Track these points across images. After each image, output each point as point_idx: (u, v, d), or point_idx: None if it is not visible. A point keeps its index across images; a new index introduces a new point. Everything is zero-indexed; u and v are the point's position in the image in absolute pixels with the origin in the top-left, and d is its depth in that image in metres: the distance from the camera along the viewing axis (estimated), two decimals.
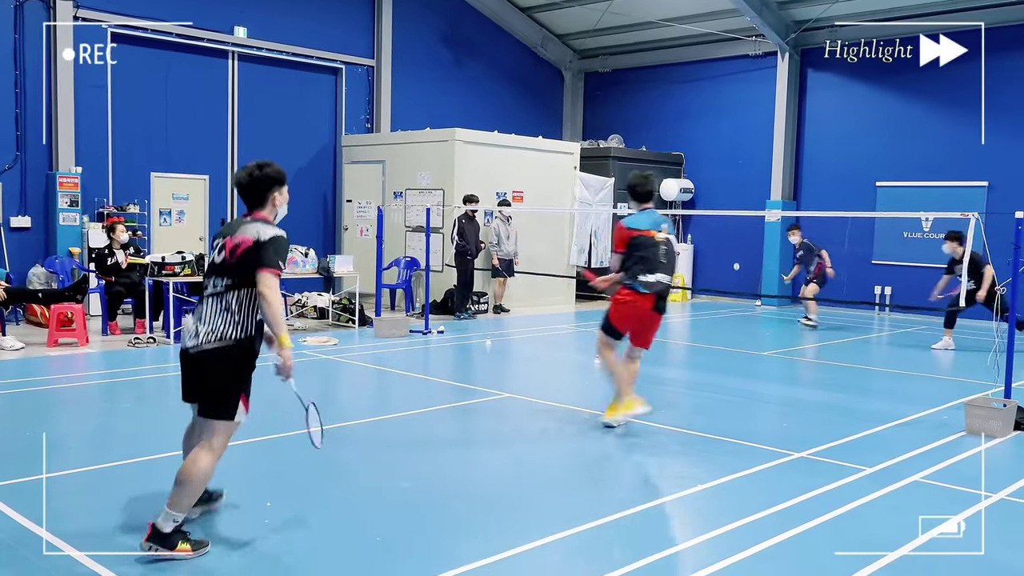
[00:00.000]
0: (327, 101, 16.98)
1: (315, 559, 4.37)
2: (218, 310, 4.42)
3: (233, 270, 4.42)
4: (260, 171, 4.58)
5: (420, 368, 10.07)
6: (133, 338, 10.86)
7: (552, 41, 20.31)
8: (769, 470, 6.10)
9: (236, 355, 4.46)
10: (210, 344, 4.39)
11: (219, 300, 4.43)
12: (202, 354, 4.42)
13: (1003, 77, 15.22)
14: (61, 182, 13.29)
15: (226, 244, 4.48)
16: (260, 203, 4.58)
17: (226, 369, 4.44)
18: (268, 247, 4.37)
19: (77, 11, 13.54)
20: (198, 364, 4.45)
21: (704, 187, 19.00)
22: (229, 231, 4.54)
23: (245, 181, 4.56)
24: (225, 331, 4.40)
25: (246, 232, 4.43)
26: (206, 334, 4.40)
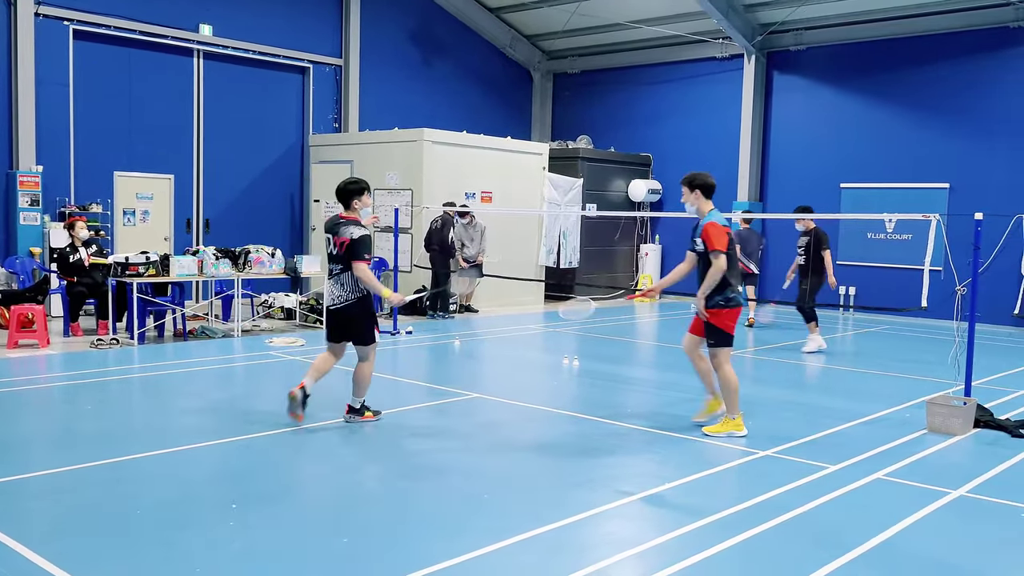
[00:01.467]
0: (294, 100, 16.87)
1: (285, 560, 4.34)
2: (341, 283, 6.86)
3: (343, 259, 6.83)
4: (348, 185, 6.97)
5: (389, 369, 10.01)
6: (96, 339, 10.71)
7: (521, 42, 20.33)
8: (734, 468, 6.16)
9: (363, 305, 6.93)
10: (348, 302, 6.87)
11: (339, 278, 6.87)
12: (345, 308, 6.88)
13: (963, 81, 15.50)
14: (21, 181, 13.07)
15: (335, 241, 6.85)
16: (347, 207, 6.92)
17: (361, 314, 6.92)
18: (359, 244, 6.77)
19: (39, 8, 13.32)
20: (344, 315, 6.91)
21: (672, 188, 19.11)
22: (334, 231, 6.89)
23: (339, 190, 6.98)
24: (350, 295, 6.86)
25: (345, 232, 6.80)
26: (341, 297, 6.86)
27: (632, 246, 19.48)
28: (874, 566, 4.47)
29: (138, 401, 7.93)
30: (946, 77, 15.69)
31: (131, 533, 4.65)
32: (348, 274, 6.81)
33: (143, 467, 5.87)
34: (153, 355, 10.22)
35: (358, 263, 6.73)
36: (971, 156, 15.37)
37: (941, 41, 15.73)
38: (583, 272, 18.09)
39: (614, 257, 19.16)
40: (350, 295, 6.85)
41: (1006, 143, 15.08)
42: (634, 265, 19.45)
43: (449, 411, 7.79)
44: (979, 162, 15.30)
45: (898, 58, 16.17)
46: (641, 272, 19.13)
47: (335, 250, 6.87)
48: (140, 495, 5.29)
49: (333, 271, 6.92)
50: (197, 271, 11.43)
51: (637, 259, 19.42)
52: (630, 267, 19.43)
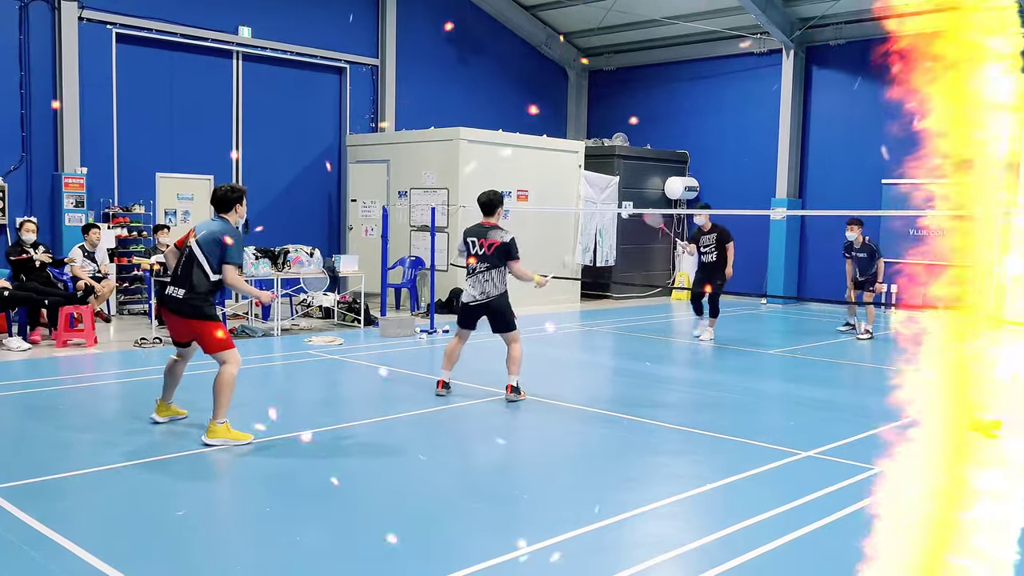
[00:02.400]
0: (331, 100, 16.98)
1: (327, 558, 4.37)
2: (490, 280, 7.81)
3: (491, 259, 7.76)
4: (490, 196, 7.98)
5: (426, 368, 10.05)
6: (140, 339, 10.88)
7: (556, 39, 20.28)
8: (776, 469, 6.09)
9: (507, 298, 7.93)
10: (494, 297, 7.82)
11: (486, 275, 7.80)
12: (495, 300, 7.83)
13: None
14: (67, 183, 13.32)
15: (481, 243, 7.81)
16: (491, 214, 7.95)
17: (507, 305, 7.91)
18: (512, 246, 7.80)
19: (82, 12, 13.56)
20: (491, 308, 7.84)
21: (709, 185, 18.97)
22: (479, 234, 7.88)
23: (481, 202, 8.00)
24: (496, 290, 7.83)
25: (494, 236, 7.81)
26: (488, 293, 7.81)
27: (669, 244, 19.35)
28: None
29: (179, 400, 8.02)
30: None
31: (173, 531, 4.71)
32: (496, 271, 7.77)
33: (184, 465, 5.94)
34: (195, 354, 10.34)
35: (514, 262, 7.78)
36: None
37: None
38: (620, 270, 18.01)
39: (651, 255, 19.05)
40: (498, 290, 7.79)
41: None
42: (671, 263, 19.32)
43: (486, 410, 7.79)
44: None
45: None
46: (678, 270, 19.00)
47: (482, 251, 7.77)
48: (181, 493, 5.35)
49: (477, 269, 7.81)
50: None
51: (674, 257, 19.29)
52: (667, 265, 19.31)
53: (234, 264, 6.52)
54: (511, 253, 7.79)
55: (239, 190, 6.75)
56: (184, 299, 6.45)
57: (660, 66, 19.68)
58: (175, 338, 6.80)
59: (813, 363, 10.82)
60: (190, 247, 6.56)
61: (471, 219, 14.92)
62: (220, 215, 6.67)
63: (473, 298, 7.84)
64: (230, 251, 6.46)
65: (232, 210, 6.66)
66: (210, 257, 6.47)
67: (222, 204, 6.65)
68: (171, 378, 6.92)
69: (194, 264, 6.50)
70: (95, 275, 12.12)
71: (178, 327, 6.64)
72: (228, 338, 6.56)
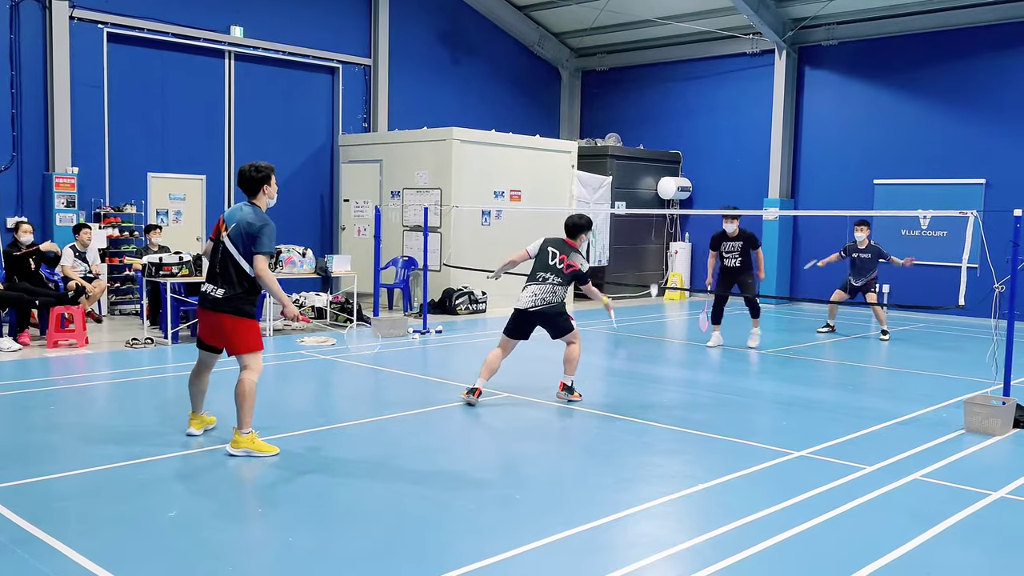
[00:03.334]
0: (324, 100, 16.96)
1: (318, 559, 4.36)
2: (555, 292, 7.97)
3: (565, 277, 8.00)
4: (579, 219, 8.20)
5: (419, 368, 10.05)
6: (131, 339, 10.84)
7: (549, 39, 20.29)
8: (769, 469, 6.09)
9: (563, 307, 8.10)
10: (554, 305, 7.96)
11: (553, 287, 7.97)
12: (552, 308, 7.95)
13: (1001, 75, 15.24)
14: (58, 183, 13.26)
15: (562, 259, 8.01)
16: (575, 237, 8.16)
17: (561, 312, 8.05)
18: (587, 275, 8.10)
19: (73, 11, 13.51)
20: (547, 315, 7.98)
21: (702, 185, 19.01)
22: (561, 249, 8.08)
23: (570, 223, 8.21)
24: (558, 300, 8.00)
25: (574, 259, 8.03)
26: (549, 302, 7.94)
27: (662, 244, 19.38)
28: (913, 569, 4.40)
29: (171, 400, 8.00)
30: (981, 71, 15.44)
31: (165, 532, 4.69)
32: (563, 288, 7.98)
33: (176, 466, 5.93)
34: (187, 354, 10.30)
35: (588, 286, 8.16)
36: (1008, 151, 15.11)
37: (976, 34, 15.48)
38: (612, 270, 18.02)
39: (644, 255, 19.07)
40: (560, 301, 7.98)
41: None
42: (664, 263, 19.35)
43: (479, 410, 7.78)
44: (1017, 157, 15.04)
45: (932, 52, 15.93)
46: (671, 270, 19.03)
47: (561, 265, 7.97)
48: (174, 495, 5.33)
49: (547, 279, 7.94)
50: None
51: (667, 257, 19.31)
52: (660, 265, 19.33)
53: (264, 254, 6.02)
54: (583, 278, 8.11)
55: (264, 168, 6.22)
56: (224, 298, 6.04)
57: (653, 66, 19.70)
58: (205, 339, 6.34)
59: (806, 363, 10.84)
60: (223, 242, 6.09)
61: (463, 219, 15.01)
62: (250, 200, 6.22)
63: (533, 304, 7.91)
64: (260, 239, 5.99)
65: (260, 191, 6.19)
66: (243, 250, 6.03)
67: (249, 186, 6.17)
68: (197, 389, 6.54)
69: (230, 261, 6.05)
70: (86, 275, 12.07)
71: (212, 327, 6.21)
72: (259, 341, 6.20)
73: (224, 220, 6.19)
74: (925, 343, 12.73)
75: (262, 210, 6.20)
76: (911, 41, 16.19)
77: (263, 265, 6.01)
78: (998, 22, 15.19)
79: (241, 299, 6.07)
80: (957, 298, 8.44)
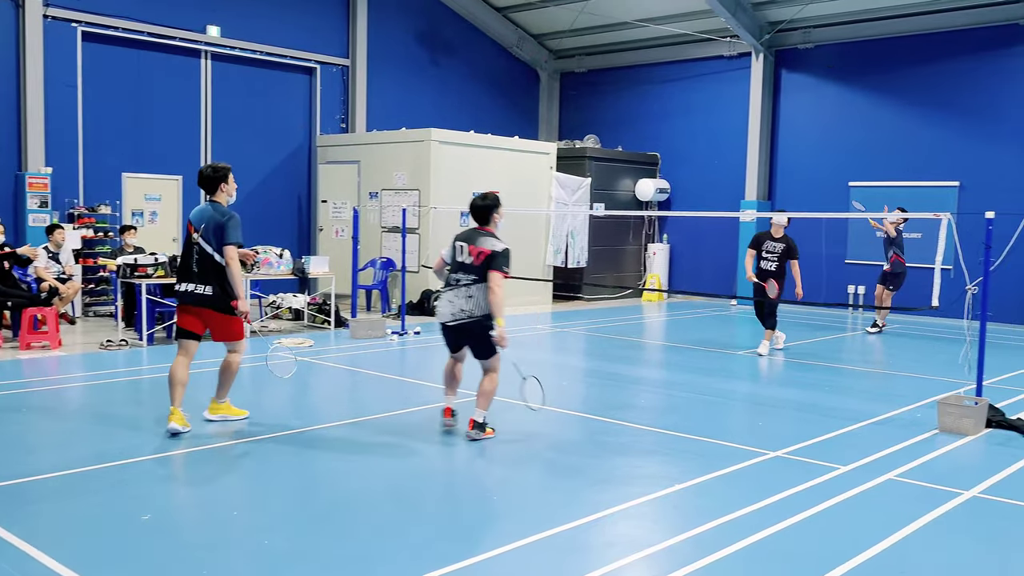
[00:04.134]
0: (301, 101, 16.87)
1: (296, 561, 4.33)
2: (471, 296, 6.52)
3: (478, 271, 6.50)
4: (483, 200, 6.75)
5: (396, 370, 10.02)
6: (105, 340, 10.73)
7: (528, 41, 20.31)
8: (745, 469, 6.13)
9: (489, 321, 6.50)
10: (476, 317, 6.52)
11: (469, 289, 6.54)
12: (470, 323, 6.55)
13: (973, 78, 15.42)
14: (31, 183, 13.11)
15: (471, 250, 6.54)
16: (486, 221, 6.71)
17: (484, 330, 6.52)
18: (502, 257, 6.52)
19: (47, 9, 13.36)
20: (464, 331, 6.63)
21: (680, 187, 19.09)
22: (469, 239, 6.61)
23: (475, 206, 6.72)
24: (479, 309, 6.51)
25: (483, 243, 6.53)
26: (465, 312, 6.54)
27: (640, 245, 19.44)
28: (887, 568, 4.44)
29: (146, 402, 7.93)
30: (956, 74, 15.62)
31: (139, 535, 4.65)
32: (480, 288, 6.48)
33: (150, 469, 5.87)
34: (162, 356, 10.22)
35: (495, 272, 6.43)
36: (981, 154, 15.30)
37: (951, 38, 15.65)
38: (591, 272, 18.06)
39: (622, 256, 19.13)
40: (481, 309, 6.50)
41: (1017, 140, 14.99)
42: (642, 264, 19.41)
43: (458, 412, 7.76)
44: (989, 160, 15.22)
45: (907, 55, 16.09)
46: (649, 271, 19.09)
47: (469, 259, 6.54)
48: (147, 497, 5.28)
49: (459, 281, 6.57)
50: None
51: (645, 258, 19.38)
52: (638, 266, 19.39)
53: (233, 244, 6.52)
54: (498, 264, 6.49)
55: (222, 168, 6.79)
56: (213, 295, 6.57)
57: (631, 68, 19.77)
58: (188, 328, 6.69)
59: (782, 364, 10.91)
60: (197, 243, 6.58)
61: (442, 220, 14.98)
62: (210, 199, 6.72)
63: (453, 317, 6.62)
64: (227, 231, 6.49)
65: (219, 189, 6.71)
66: (216, 246, 6.53)
67: (208, 185, 6.72)
68: (178, 382, 6.65)
69: (207, 259, 6.56)
70: (60, 276, 11.94)
71: (197, 317, 6.67)
72: (242, 331, 6.83)
73: (192, 222, 6.68)
74: (900, 344, 12.85)
75: (223, 206, 6.69)
76: (886, 45, 16.35)
77: (233, 253, 6.52)
78: (972, 27, 15.37)
79: (228, 295, 6.60)
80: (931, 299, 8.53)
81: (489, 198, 6.78)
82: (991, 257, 7.35)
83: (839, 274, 16.47)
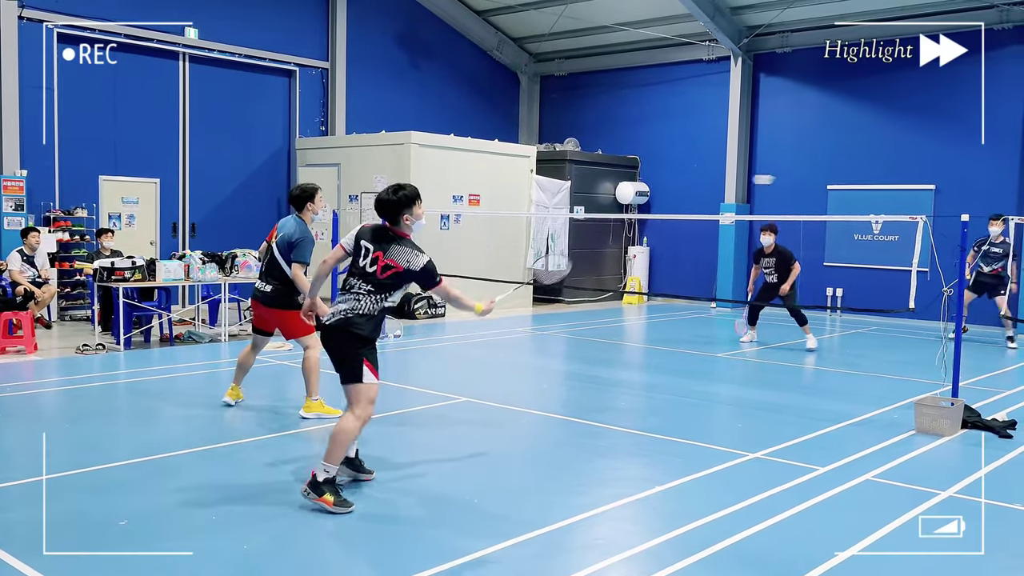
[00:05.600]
0: (280, 103, 16.80)
1: (278, 566, 4.30)
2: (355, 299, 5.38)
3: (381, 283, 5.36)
4: (391, 194, 5.48)
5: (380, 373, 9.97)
6: (82, 345, 10.62)
7: (508, 44, 20.33)
8: (724, 471, 6.15)
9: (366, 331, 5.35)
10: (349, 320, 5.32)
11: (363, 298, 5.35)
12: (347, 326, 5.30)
13: (949, 83, 15.58)
14: (5, 185, 12.96)
15: (377, 256, 5.37)
16: (397, 221, 5.50)
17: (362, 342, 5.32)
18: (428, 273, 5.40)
19: (22, 11, 13.22)
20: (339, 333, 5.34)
21: (659, 190, 19.15)
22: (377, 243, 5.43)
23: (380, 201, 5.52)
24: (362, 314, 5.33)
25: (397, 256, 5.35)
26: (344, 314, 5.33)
27: (620, 248, 19.50)
28: (865, 568, 4.47)
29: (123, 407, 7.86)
30: (931, 79, 15.77)
31: (119, 541, 4.60)
32: (376, 298, 5.34)
33: (126, 474, 5.81)
34: (139, 360, 10.15)
35: (438, 287, 5.47)
36: (956, 158, 15.46)
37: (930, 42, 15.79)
38: (571, 274, 18.08)
39: (602, 259, 19.17)
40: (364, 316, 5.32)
41: (991, 145, 15.16)
42: (622, 267, 19.47)
43: (437, 415, 7.76)
44: (964, 164, 15.38)
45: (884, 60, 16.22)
46: (629, 274, 19.15)
47: (372, 268, 5.36)
48: (124, 504, 5.23)
49: (353, 287, 5.38)
50: (184, 276, 11.37)
51: (625, 261, 19.44)
52: (618, 269, 19.45)
53: (299, 263, 7.10)
54: (430, 281, 5.42)
55: (309, 188, 7.30)
56: (271, 294, 7.25)
57: (611, 72, 19.83)
58: (257, 324, 7.57)
59: (761, 366, 10.97)
60: (272, 246, 7.30)
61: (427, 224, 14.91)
62: (298, 214, 7.27)
63: (330, 316, 5.42)
64: (296, 250, 7.10)
65: (305, 208, 7.25)
66: (284, 255, 7.17)
67: (296, 203, 7.27)
68: (245, 365, 7.63)
69: (276, 262, 7.22)
70: (35, 280, 11.81)
71: (264, 316, 7.39)
72: (308, 326, 6.96)
73: (276, 228, 7.38)
74: (876, 345, 12.95)
75: (305, 224, 7.26)
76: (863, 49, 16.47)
77: (298, 272, 7.11)
78: (950, 31, 15.53)
79: (286, 294, 7.21)
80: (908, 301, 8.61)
81: (406, 190, 5.49)
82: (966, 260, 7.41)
83: (817, 276, 16.58)
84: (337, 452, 5.18)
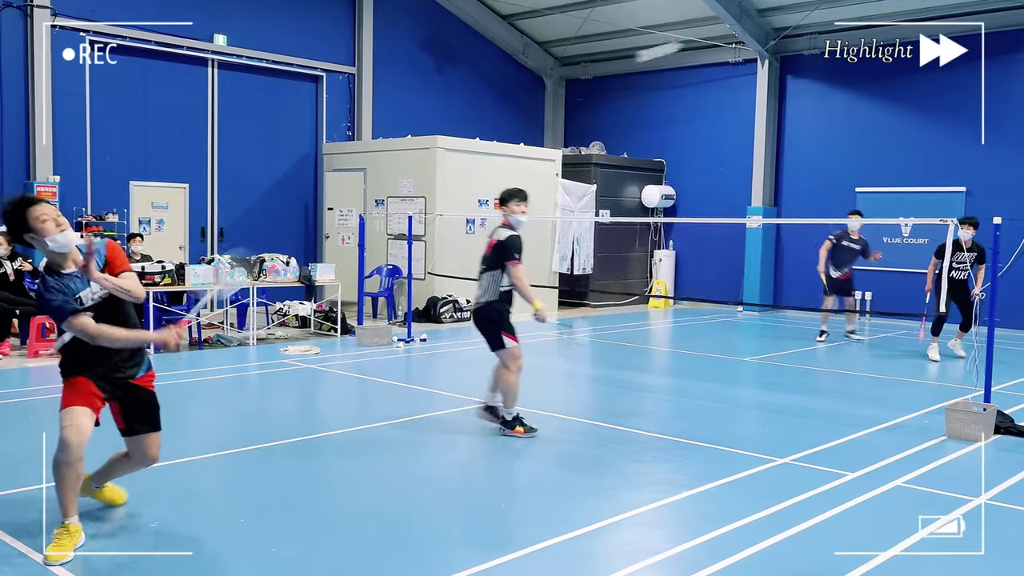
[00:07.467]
0: (308, 109, 16.92)
1: (302, 570, 4.33)
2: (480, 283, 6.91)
3: (488, 260, 6.85)
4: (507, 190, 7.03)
5: (402, 377, 10.02)
6: None
7: (533, 48, 20.34)
8: (752, 476, 6.11)
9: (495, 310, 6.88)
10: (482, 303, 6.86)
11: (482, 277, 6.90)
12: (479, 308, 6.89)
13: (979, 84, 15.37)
14: (39, 191, 13.14)
15: (490, 242, 6.89)
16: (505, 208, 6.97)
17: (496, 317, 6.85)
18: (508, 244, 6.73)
19: (55, 19, 13.43)
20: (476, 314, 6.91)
21: (686, 194, 19.07)
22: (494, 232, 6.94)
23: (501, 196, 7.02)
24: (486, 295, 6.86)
25: (497, 233, 6.87)
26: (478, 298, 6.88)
27: (646, 252, 19.43)
28: (897, 575, 4.41)
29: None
30: (962, 80, 15.59)
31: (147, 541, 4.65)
32: (490, 276, 6.83)
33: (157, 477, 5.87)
34: (168, 364, 10.24)
35: (511, 263, 6.74)
36: (987, 160, 15.25)
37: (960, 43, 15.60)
38: (597, 278, 18.05)
39: (628, 263, 19.11)
40: (487, 295, 6.83)
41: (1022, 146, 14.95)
42: (648, 271, 19.40)
43: (465, 419, 7.76)
44: (996, 165, 15.18)
45: (912, 61, 16.05)
46: (655, 278, 19.08)
47: (485, 250, 6.97)
48: (158, 505, 5.28)
49: (481, 272, 6.97)
50: (212, 280, 11.48)
51: (651, 265, 19.37)
52: (644, 273, 19.38)
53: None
54: (506, 252, 6.74)
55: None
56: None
57: (636, 75, 19.77)
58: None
59: (789, 370, 10.88)
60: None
61: (448, 227, 15.00)
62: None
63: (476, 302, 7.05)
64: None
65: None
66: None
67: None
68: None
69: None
70: None
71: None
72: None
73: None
74: (907, 349, 12.80)
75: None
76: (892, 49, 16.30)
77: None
78: (978, 32, 15.33)
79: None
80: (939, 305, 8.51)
81: (508, 190, 7.06)
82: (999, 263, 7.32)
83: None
84: (509, 398, 6.86)
